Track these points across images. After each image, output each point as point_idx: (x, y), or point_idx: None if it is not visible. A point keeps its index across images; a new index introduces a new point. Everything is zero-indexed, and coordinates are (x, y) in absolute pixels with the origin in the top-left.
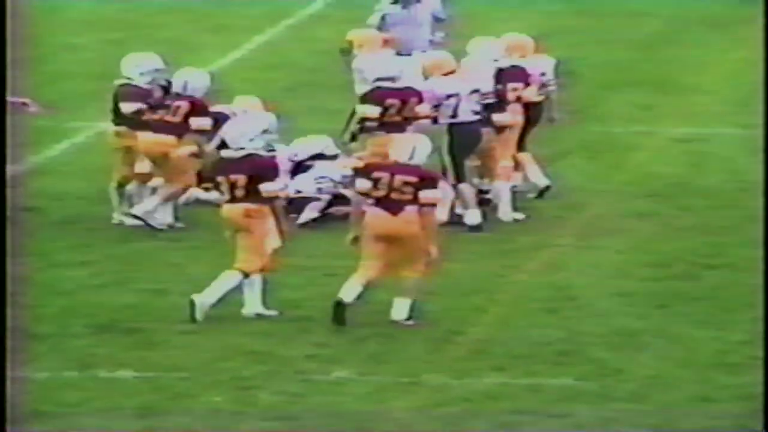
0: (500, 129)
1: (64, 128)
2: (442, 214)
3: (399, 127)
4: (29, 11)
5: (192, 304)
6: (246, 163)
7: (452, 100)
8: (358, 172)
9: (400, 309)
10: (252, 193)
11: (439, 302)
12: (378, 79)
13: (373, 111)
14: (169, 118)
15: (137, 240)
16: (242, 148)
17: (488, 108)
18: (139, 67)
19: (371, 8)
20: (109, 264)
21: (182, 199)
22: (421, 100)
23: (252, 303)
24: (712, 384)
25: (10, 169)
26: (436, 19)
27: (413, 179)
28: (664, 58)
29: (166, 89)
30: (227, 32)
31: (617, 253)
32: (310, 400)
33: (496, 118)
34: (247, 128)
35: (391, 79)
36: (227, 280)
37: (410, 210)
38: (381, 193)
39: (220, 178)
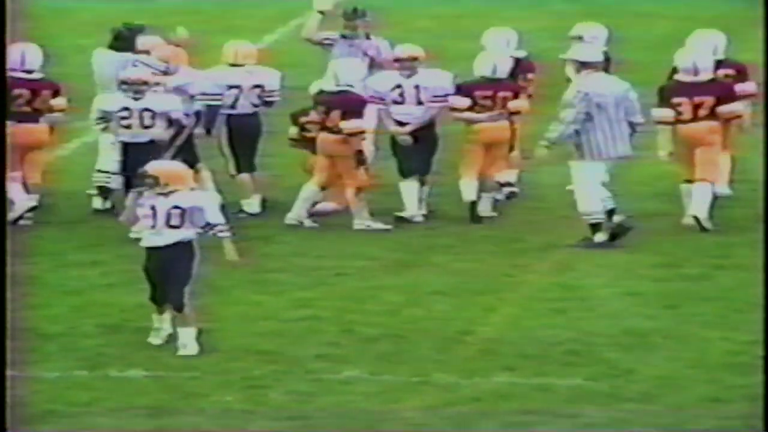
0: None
1: (74, 128)
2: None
3: (30, 118)
4: (39, 13)
5: (697, 220)
6: (713, 87)
7: (233, 92)
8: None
9: None
10: (712, 114)
11: (448, 302)
12: (12, 69)
13: None
14: None
15: None
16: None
17: (269, 105)
18: None
19: (379, 8)
20: (120, 263)
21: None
22: (57, 94)
23: (699, 210)
24: (722, 384)
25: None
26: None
27: None
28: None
29: None
30: (237, 33)
31: (627, 254)
32: (320, 399)
33: (513, 104)
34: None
35: (28, 71)
36: (700, 192)
37: None
38: None
39: (681, 100)
